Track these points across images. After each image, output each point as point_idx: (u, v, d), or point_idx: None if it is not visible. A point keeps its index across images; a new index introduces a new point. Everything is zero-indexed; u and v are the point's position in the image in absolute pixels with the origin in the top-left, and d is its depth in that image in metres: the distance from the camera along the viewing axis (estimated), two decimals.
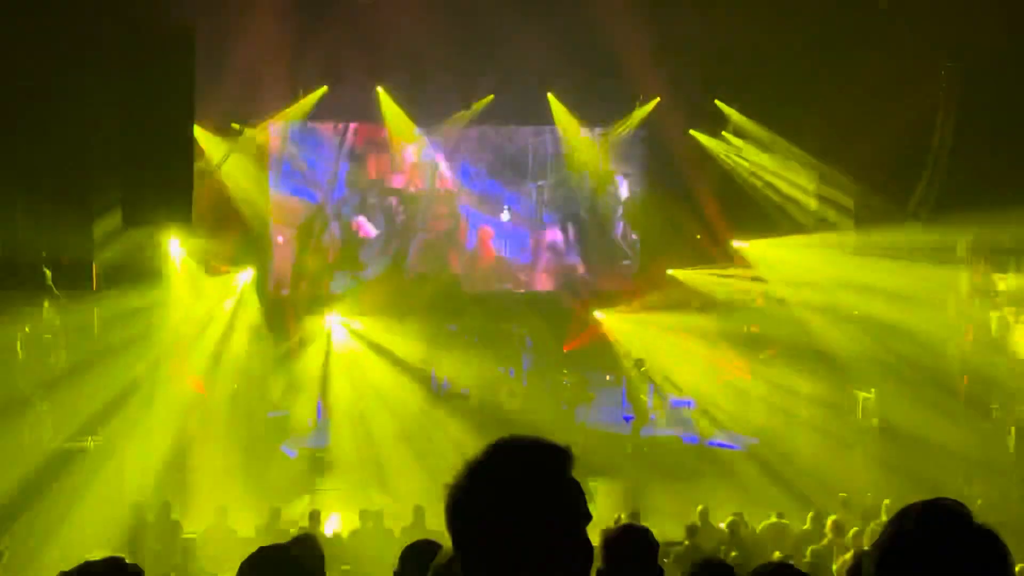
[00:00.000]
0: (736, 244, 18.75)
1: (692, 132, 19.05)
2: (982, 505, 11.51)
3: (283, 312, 18.28)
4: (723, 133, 18.63)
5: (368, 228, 19.43)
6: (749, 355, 18.30)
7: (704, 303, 19.05)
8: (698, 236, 19.18)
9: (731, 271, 18.76)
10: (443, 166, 19.44)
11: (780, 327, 17.95)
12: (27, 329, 12.57)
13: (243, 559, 3.56)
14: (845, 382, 17.83)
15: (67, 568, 3.30)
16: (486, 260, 20.02)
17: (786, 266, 17.68)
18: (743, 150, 18.56)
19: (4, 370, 12.37)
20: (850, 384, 17.80)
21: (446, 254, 19.77)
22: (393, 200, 19.36)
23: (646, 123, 19.24)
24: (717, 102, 18.20)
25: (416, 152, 19.32)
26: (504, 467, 1.88)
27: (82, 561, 3.35)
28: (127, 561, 3.35)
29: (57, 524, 10.58)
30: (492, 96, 17.93)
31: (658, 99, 18.48)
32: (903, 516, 2.05)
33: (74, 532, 10.36)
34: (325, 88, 17.09)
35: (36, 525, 10.64)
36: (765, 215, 18.24)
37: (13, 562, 9.48)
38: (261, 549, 3.67)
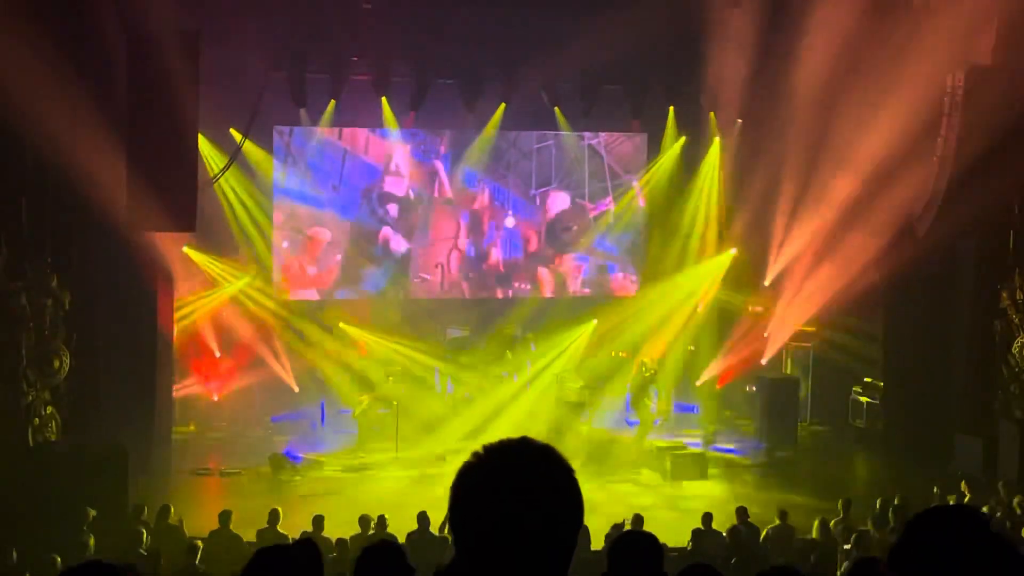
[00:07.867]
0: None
1: (684, 139, 19.04)
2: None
3: (291, 318, 18.33)
4: (716, 139, 18.61)
5: (399, 241, 19.30)
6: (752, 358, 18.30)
7: (707, 307, 19.04)
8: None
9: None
10: (444, 172, 19.37)
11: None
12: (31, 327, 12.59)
13: (246, 563, 3.56)
14: (844, 382, 17.85)
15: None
16: (490, 265, 19.97)
17: None
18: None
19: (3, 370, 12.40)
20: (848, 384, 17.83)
21: (449, 260, 19.72)
22: (392, 206, 19.27)
23: (649, 128, 19.21)
24: (712, 114, 18.17)
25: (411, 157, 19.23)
26: (508, 463, 1.96)
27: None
28: (124, 564, 3.35)
29: (61, 525, 10.58)
30: (504, 105, 17.87)
31: (672, 108, 18.50)
32: (920, 521, 2.00)
33: (77, 534, 10.36)
34: (333, 103, 17.12)
35: (41, 526, 10.64)
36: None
37: (20, 562, 9.48)
38: (259, 552, 3.65)
